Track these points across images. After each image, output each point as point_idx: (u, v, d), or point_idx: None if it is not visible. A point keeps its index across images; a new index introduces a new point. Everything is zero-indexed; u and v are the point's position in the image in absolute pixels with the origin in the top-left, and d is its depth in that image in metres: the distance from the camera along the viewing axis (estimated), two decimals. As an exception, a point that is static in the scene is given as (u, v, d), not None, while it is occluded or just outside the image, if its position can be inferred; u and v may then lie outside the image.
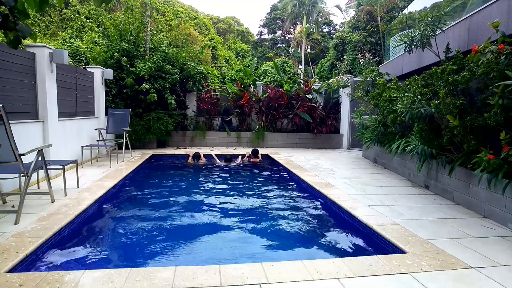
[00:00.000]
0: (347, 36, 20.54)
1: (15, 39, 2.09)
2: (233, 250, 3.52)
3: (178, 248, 3.52)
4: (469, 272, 2.71)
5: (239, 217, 4.52)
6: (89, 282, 2.42)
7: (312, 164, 7.89)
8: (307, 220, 4.41)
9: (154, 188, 5.95)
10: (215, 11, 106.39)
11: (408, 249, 3.10)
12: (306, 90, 11.29)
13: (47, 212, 3.88)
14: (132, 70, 9.35)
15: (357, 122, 8.65)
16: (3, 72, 4.82)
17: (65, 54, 5.90)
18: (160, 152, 9.46)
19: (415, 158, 5.89)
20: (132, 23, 9.96)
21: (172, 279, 2.48)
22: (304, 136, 11.33)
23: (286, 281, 2.51)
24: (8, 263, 2.62)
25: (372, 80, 8.59)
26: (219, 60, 24.64)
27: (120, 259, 3.25)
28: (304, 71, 26.25)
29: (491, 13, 4.98)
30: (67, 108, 6.80)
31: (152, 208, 4.80)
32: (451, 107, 4.52)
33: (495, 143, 4.01)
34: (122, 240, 3.69)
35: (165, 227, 4.10)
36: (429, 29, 5.78)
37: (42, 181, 5.42)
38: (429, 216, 4.11)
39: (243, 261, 3.18)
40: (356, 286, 2.47)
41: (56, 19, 21.03)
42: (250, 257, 3.36)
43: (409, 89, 5.80)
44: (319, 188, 5.41)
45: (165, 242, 3.65)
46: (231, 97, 11.33)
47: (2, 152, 3.58)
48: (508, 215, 3.77)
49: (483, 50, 4.10)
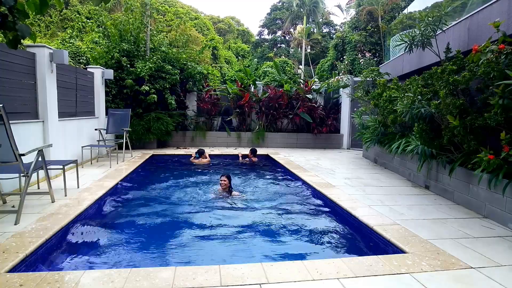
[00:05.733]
0: (347, 36, 20.53)
1: (14, 39, 2.09)
2: (233, 250, 3.52)
3: (178, 248, 3.52)
4: (469, 272, 2.70)
5: (239, 217, 4.52)
6: (89, 282, 2.42)
7: (312, 164, 7.88)
8: (307, 220, 4.41)
9: (154, 188, 5.95)
10: (215, 11, 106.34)
11: (408, 249, 3.09)
12: (306, 90, 11.29)
13: (47, 212, 3.88)
14: (132, 70, 9.35)
15: (357, 122, 8.65)
16: (3, 72, 4.82)
17: (65, 54, 5.90)
18: (160, 152, 9.46)
19: (415, 158, 5.89)
20: (132, 23, 9.96)
21: (172, 279, 2.48)
22: (304, 136, 11.32)
23: (286, 281, 2.51)
24: (8, 263, 2.62)
25: (372, 80, 8.59)
26: (220, 60, 24.64)
27: (120, 259, 3.25)
28: (304, 71, 26.24)
29: (491, 13, 4.98)
30: (67, 108, 6.80)
31: (152, 208, 4.80)
32: (451, 107, 4.51)
33: (495, 143, 4.01)
34: (122, 240, 3.68)
35: (165, 227, 4.10)
36: (430, 29, 5.78)
37: (42, 181, 5.42)
38: (429, 216, 4.11)
39: (243, 261, 3.18)
40: (356, 286, 2.47)
41: (56, 19, 21.02)
42: (250, 257, 3.36)
43: (409, 89, 5.79)
44: (319, 188, 5.41)
45: (165, 242, 3.65)
46: (231, 97, 11.33)
47: (2, 152, 3.58)
48: (508, 215, 3.77)
49: (483, 49, 4.10)
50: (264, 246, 3.66)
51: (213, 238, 3.81)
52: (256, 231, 4.07)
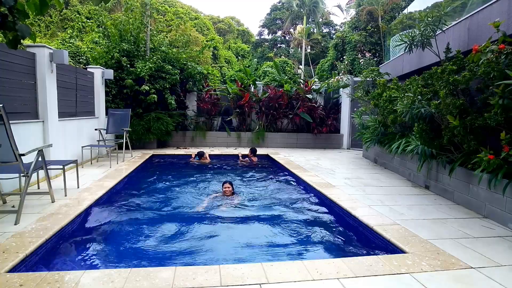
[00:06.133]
0: (347, 36, 20.53)
1: (14, 39, 2.08)
2: (233, 250, 3.52)
3: (178, 248, 3.52)
4: (469, 272, 2.70)
5: (239, 217, 4.52)
6: (89, 282, 2.42)
7: (312, 164, 7.88)
8: (307, 220, 4.41)
9: (154, 188, 5.95)
10: (215, 11, 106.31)
11: (408, 249, 3.09)
12: (306, 90, 11.29)
13: (47, 212, 3.88)
14: (132, 70, 9.35)
15: (357, 122, 8.65)
16: (3, 72, 4.82)
17: (65, 54, 5.90)
18: (160, 152, 9.46)
19: (415, 158, 5.89)
20: (132, 23, 9.96)
21: (172, 279, 2.48)
22: (304, 136, 11.32)
23: (286, 281, 2.51)
24: (8, 263, 2.62)
25: (372, 80, 8.59)
26: (220, 60, 24.64)
27: (120, 259, 3.25)
28: (304, 71, 26.24)
29: (491, 13, 4.98)
30: (67, 108, 6.80)
31: (152, 208, 4.80)
32: (451, 107, 4.51)
33: (495, 143, 4.01)
34: (122, 240, 3.68)
35: (165, 226, 4.09)
36: (429, 29, 5.78)
37: (42, 181, 5.42)
38: (429, 216, 4.11)
39: (243, 261, 3.18)
40: (356, 286, 2.47)
41: (57, 19, 21.01)
42: (250, 257, 3.36)
43: (409, 89, 5.79)
44: (319, 188, 5.41)
45: (165, 242, 3.65)
46: (231, 97, 11.33)
47: (2, 152, 3.58)
48: (508, 215, 3.77)
49: (483, 49, 4.10)
50: (264, 246, 3.66)
51: (213, 238, 3.81)
52: (256, 231, 4.08)
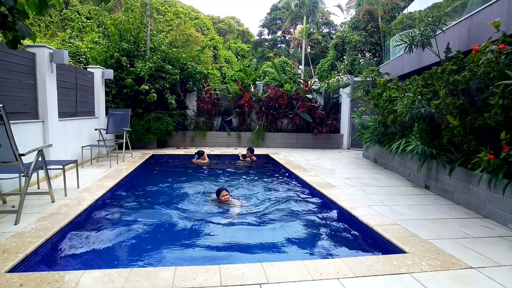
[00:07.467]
0: (347, 36, 20.51)
1: (14, 40, 2.08)
2: (233, 250, 3.52)
3: (178, 248, 3.52)
4: (469, 272, 2.70)
5: (239, 217, 4.52)
6: (89, 282, 2.42)
7: (312, 164, 7.88)
8: (307, 220, 4.41)
9: (154, 188, 5.95)
10: (215, 11, 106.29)
11: (408, 249, 3.09)
12: (306, 90, 11.29)
13: (47, 212, 3.88)
14: (132, 70, 9.35)
15: (357, 122, 8.65)
16: (3, 72, 4.82)
17: (65, 54, 5.90)
18: (160, 152, 9.46)
19: (415, 158, 5.89)
20: (132, 23, 9.96)
21: (172, 279, 2.48)
22: (304, 136, 11.32)
23: (286, 281, 2.51)
24: (8, 263, 2.62)
25: (372, 80, 8.59)
26: (220, 60, 24.64)
27: (120, 259, 3.25)
28: (304, 71, 26.23)
29: (491, 13, 4.98)
30: (67, 108, 6.80)
31: (152, 207, 4.80)
32: (451, 107, 4.51)
33: (495, 143, 4.01)
34: (122, 240, 3.68)
35: (165, 227, 4.10)
36: (429, 29, 5.78)
37: (42, 181, 5.42)
38: (429, 216, 4.11)
39: (243, 261, 3.18)
40: (356, 286, 2.47)
41: (56, 19, 21.02)
42: (250, 257, 3.36)
43: (409, 89, 5.79)
44: (319, 188, 5.41)
45: (165, 242, 3.65)
46: (231, 97, 11.33)
47: (2, 152, 3.58)
48: (508, 215, 3.77)
49: (483, 49, 4.10)
50: (264, 246, 3.66)
51: (213, 238, 3.81)
52: (256, 231, 4.07)
